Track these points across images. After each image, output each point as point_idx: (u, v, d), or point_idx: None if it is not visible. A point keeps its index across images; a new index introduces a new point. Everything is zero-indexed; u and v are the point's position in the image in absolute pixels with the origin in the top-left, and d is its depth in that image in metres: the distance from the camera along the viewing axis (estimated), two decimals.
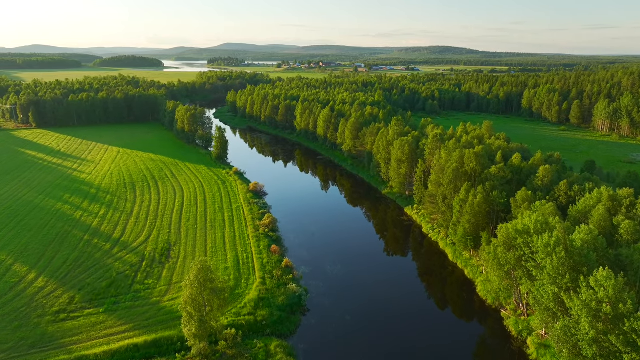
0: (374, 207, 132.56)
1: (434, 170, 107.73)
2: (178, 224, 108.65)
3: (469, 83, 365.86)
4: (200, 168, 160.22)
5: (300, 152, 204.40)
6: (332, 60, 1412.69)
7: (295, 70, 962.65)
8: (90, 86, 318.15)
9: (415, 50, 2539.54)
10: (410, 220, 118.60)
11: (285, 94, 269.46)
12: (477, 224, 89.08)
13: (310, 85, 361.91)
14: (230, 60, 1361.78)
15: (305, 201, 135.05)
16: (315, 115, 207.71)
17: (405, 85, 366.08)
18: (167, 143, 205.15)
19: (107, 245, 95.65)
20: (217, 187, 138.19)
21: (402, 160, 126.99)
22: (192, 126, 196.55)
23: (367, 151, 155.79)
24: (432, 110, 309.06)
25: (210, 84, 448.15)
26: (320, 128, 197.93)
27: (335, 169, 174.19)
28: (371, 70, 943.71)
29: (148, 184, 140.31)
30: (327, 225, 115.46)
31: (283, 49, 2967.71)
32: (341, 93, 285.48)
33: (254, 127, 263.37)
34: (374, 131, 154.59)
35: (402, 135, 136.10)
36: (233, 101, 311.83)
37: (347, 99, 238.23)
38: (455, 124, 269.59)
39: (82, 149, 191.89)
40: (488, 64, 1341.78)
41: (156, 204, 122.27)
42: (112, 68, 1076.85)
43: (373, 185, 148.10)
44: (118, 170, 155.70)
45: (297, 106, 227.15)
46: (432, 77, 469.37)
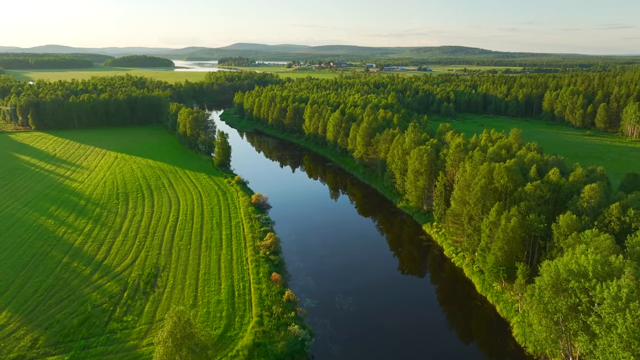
0: (388, 222, 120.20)
1: (458, 186, 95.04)
2: (170, 243, 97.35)
3: (486, 84, 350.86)
4: (201, 176, 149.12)
5: (308, 158, 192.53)
6: (343, 60, 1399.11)
7: (306, 70, 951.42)
8: (94, 87, 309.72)
9: (427, 50, 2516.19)
10: (429, 239, 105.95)
11: (294, 95, 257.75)
12: (511, 252, 76.33)
13: (320, 86, 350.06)
14: (240, 60, 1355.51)
15: (313, 216, 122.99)
16: (324, 118, 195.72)
17: (419, 87, 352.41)
18: (169, 147, 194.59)
19: (87, 270, 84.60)
20: (217, 198, 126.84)
21: (419, 171, 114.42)
22: (194, 130, 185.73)
23: (381, 159, 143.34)
24: (448, 113, 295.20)
25: (218, 85, 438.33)
26: (330, 133, 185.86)
27: (346, 177, 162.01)
28: (383, 70, 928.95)
29: (142, 195, 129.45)
30: (336, 245, 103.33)
31: (294, 49, 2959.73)
32: (352, 95, 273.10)
33: (261, 130, 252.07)
34: (388, 138, 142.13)
35: (419, 143, 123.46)
36: (240, 103, 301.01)
37: (359, 101, 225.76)
38: (473, 128, 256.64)
39: (78, 153, 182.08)
40: (501, 64, 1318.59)
41: (148, 219, 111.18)
42: (122, 68, 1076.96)
43: (387, 197, 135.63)
44: (112, 179, 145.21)
45: (306, 109, 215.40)
46: (446, 78, 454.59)
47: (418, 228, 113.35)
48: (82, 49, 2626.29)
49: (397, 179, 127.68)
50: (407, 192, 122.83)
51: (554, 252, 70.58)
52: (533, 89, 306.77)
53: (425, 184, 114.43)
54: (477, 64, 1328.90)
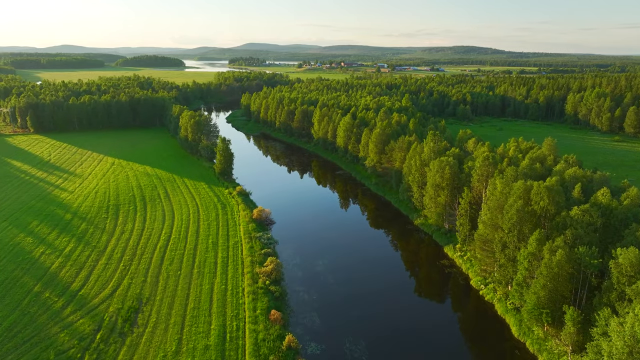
0: (404, 240, 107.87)
1: (487, 206, 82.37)
2: (158, 268, 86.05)
3: (503, 85, 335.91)
4: (200, 186, 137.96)
5: (317, 165, 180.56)
6: (354, 60, 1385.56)
7: (316, 70, 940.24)
8: (98, 88, 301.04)
9: (438, 50, 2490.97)
10: (451, 265, 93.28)
11: (303, 97, 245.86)
12: (557, 291, 63.62)
13: (331, 87, 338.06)
14: (251, 60, 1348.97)
15: (320, 232, 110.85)
16: (334, 123, 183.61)
17: (433, 88, 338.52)
18: (169, 153, 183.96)
19: (59, 302, 73.55)
20: (215, 212, 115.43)
21: (440, 186, 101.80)
22: (195, 135, 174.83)
23: (395, 169, 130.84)
24: (464, 116, 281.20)
25: (226, 85, 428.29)
26: (340, 138, 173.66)
27: (357, 187, 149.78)
28: (394, 70, 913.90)
29: (135, 207, 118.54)
30: (346, 269, 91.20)
31: (305, 49, 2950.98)
32: (364, 97, 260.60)
33: (268, 134, 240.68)
34: (404, 146, 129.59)
35: (439, 153, 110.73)
36: (247, 104, 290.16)
37: (371, 104, 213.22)
38: (491, 132, 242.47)
39: (74, 159, 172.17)
40: (515, 65, 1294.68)
41: (138, 237, 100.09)
42: (133, 68, 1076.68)
43: (402, 211, 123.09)
44: (105, 188, 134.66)
45: (315, 112, 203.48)
46: (461, 79, 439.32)
47: (438, 250, 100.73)
48: (95, 49, 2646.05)
49: (415, 193, 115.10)
50: (425, 208, 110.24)
51: (613, 295, 57.76)
52: (554, 91, 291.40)
53: (446, 200, 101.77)
54: (490, 65, 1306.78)
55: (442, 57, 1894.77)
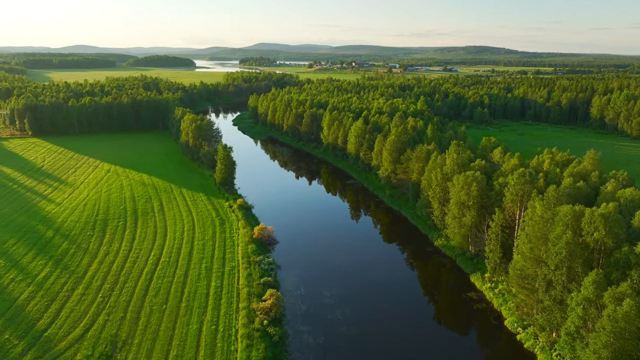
0: (422, 263, 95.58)
1: (526, 234, 69.65)
2: (141, 300, 74.70)
3: (522, 87, 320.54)
4: (198, 198, 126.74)
5: (326, 173, 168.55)
6: (365, 60, 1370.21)
7: (327, 70, 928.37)
8: (102, 88, 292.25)
9: (450, 50, 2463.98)
10: (480, 297, 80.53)
11: (312, 100, 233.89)
12: (624, 351, 50.89)
13: (341, 88, 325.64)
14: (261, 60, 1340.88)
15: (328, 253, 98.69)
16: (345, 127, 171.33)
17: (449, 90, 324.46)
18: (170, 159, 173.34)
19: (19, 346, 62.50)
20: (212, 230, 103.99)
21: (466, 204, 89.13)
22: (196, 140, 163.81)
23: (412, 182, 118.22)
24: (482, 119, 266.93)
25: (234, 86, 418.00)
26: (352, 144, 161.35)
27: (369, 198, 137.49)
28: (406, 70, 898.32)
29: (124, 223, 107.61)
30: (358, 300, 78.95)
31: (316, 49, 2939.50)
32: (376, 99, 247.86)
33: (275, 138, 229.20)
34: (422, 156, 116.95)
35: (464, 166, 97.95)
36: (254, 106, 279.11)
37: (384, 107, 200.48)
38: (512, 137, 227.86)
39: (68, 165, 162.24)
40: (530, 65, 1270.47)
41: (123, 260, 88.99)
42: (144, 68, 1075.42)
43: (420, 229, 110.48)
44: (96, 199, 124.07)
45: (324, 115, 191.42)
46: (476, 80, 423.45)
47: (463, 278, 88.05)
48: (108, 48, 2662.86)
49: (435, 210, 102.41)
50: (447, 227, 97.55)
51: None
52: (578, 93, 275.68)
53: (473, 221, 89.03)
54: (504, 65, 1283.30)
55: (454, 57, 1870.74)
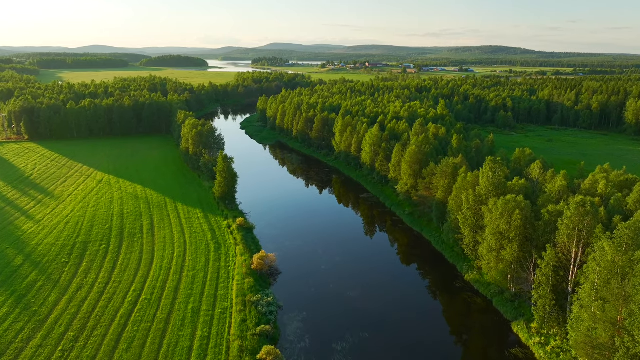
0: (450, 299, 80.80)
1: (594, 283, 54.28)
2: (109, 355, 60.94)
3: (547, 89, 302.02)
4: (194, 215, 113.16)
5: (338, 184, 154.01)
6: (379, 60, 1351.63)
7: (340, 71, 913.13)
8: (105, 90, 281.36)
9: (465, 50, 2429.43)
10: (527, 356, 65.08)
11: (323, 103, 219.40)
12: None
13: (355, 90, 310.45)
14: (274, 60, 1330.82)
15: (340, 285, 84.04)
16: (359, 134, 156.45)
17: (468, 92, 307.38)
18: (169, 168, 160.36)
19: None
20: (205, 257, 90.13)
21: (506, 235, 73.80)
22: (197, 148, 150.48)
23: (437, 201, 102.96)
24: (506, 124, 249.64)
25: (243, 87, 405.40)
26: (366, 154, 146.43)
27: (385, 215, 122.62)
28: (421, 71, 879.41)
29: (107, 247, 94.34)
30: (374, 353, 64.29)
31: (329, 49, 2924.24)
32: (392, 102, 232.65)
33: (284, 144, 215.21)
34: (448, 171, 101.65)
35: (501, 188, 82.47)
36: (263, 109, 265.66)
37: (402, 112, 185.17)
38: (540, 144, 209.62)
39: (59, 174, 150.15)
40: (547, 65, 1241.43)
41: (97, 296, 75.48)
42: (157, 68, 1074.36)
43: (447, 257, 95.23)
44: (80, 216, 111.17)
45: (337, 120, 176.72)
46: (496, 81, 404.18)
47: (502, 324, 72.74)
48: (123, 49, 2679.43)
49: (465, 237, 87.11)
50: (481, 259, 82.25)
51: None
52: (610, 96, 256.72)
53: (515, 256, 73.61)
54: (520, 65, 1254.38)
55: (469, 57, 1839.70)
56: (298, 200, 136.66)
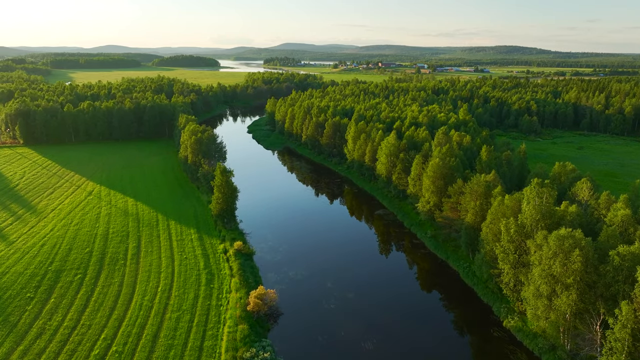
0: (486, 355, 66.00)
1: None
2: None
3: (573, 91, 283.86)
4: (188, 236, 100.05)
5: (350, 197, 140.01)
6: (392, 60, 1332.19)
7: (352, 71, 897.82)
8: (108, 91, 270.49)
9: (479, 50, 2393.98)
10: None
11: (335, 106, 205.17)
12: None
13: (368, 92, 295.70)
14: (286, 60, 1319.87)
15: (354, 335, 69.98)
16: (374, 142, 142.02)
17: (488, 93, 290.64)
18: (166, 177, 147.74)
19: None
20: (195, 292, 76.74)
21: (562, 280, 59.04)
22: (196, 156, 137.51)
23: (466, 225, 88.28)
24: (530, 129, 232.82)
25: (253, 88, 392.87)
26: (382, 164, 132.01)
27: (404, 236, 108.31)
28: (435, 71, 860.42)
29: (83, 276, 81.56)
30: None
31: (341, 49, 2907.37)
32: (408, 105, 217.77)
33: (293, 150, 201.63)
34: (480, 191, 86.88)
35: (550, 216, 67.52)
36: (271, 112, 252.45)
37: (420, 117, 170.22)
38: (570, 151, 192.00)
39: (48, 184, 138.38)
40: (565, 65, 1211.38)
41: (58, 347, 62.44)
42: (168, 68, 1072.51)
43: (479, 294, 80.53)
44: (59, 237, 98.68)
45: (349, 126, 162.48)
46: (516, 82, 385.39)
47: None
48: (137, 48, 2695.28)
49: (504, 274, 72.33)
50: (525, 303, 67.54)
51: None
52: None
53: (573, 307, 58.81)
54: (537, 65, 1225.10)
55: (484, 57, 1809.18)
56: (305, 216, 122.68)
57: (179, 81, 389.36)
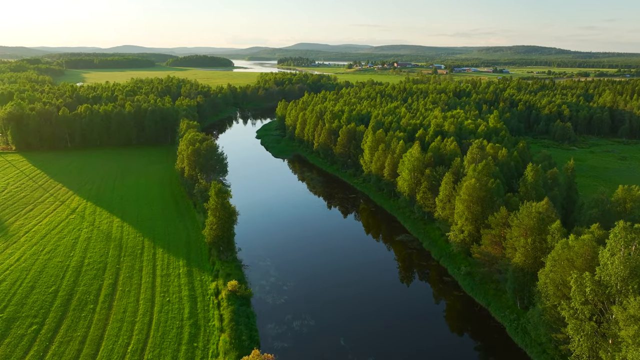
0: None
1: None
2: None
3: (607, 94, 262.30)
4: (175, 269, 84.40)
5: (366, 214, 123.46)
6: (407, 60, 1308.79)
7: (367, 71, 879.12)
8: (111, 94, 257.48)
9: (497, 50, 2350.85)
10: None
11: (350, 111, 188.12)
12: None
13: (385, 94, 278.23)
14: (300, 60, 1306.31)
15: None
16: (394, 154, 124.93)
17: (514, 97, 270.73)
18: (162, 191, 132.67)
19: None
20: (172, 351, 60.76)
21: None
22: (193, 169, 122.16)
23: (514, 267, 70.76)
24: (564, 136, 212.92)
25: (264, 89, 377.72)
26: (404, 181, 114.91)
27: (430, 269, 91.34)
28: (453, 72, 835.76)
29: (37, 329, 66.26)
30: None
31: (356, 49, 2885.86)
32: (429, 109, 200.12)
33: (303, 158, 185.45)
34: (532, 225, 69.23)
35: None
36: (282, 116, 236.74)
37: (446, 124, 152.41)
38: (611, 162, 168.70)
39: (29, 199, 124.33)
40: (586, 65, 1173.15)
41: None
42: (182, 68, 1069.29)
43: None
44: (24, 269, 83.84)
45: (366, 135, 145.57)
46: (541, 84, 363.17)
47: None
48: (153, 48, 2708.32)
49: (576, 345, 54.68)
50: None
51: None
52: None
53: None
54: (557, 65, 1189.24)
55: (501, 57, 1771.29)
56: (314, 240, 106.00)
57: (189, 82, 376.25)
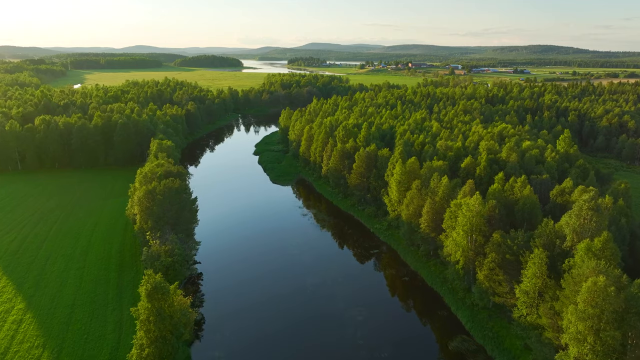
0: None
1: None
2: None
3: None
4: None
5: (397, 283, 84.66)
6: (421, 60, 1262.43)
7: (380, 72, 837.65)
8: (85, 100, 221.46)
9: (512, 49, 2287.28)
10: None
11: (368, 127, 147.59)
12: None
13: (405, 100, 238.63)
14: (310, 61, 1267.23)
15: None
16: (435, 198, 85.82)
17: (559, 104, 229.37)
18: (108, 246, 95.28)
19: None
20: None
21: None
22: (144, 222, 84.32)
23: None
24: (634, 155, 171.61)
25: (268, 93, 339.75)
26: (456, 245, 75.85)
27: None
28: (471, 72, 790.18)
29: None
30: None
31: (367, 49, 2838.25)
32: (464, 122, 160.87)
33: (309, 184, 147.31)
34: None
35: None
36: (285, 127, 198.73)
37: (504, 153, 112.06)
38: None
39: None
40: (609, 65, 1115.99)
41: None
42: (189, 68, 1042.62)
43: None
44: None
45: (392, 162, 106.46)
46: (582, 88, 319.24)
47: None
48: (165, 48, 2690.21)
49: None
50: None
51: None
52: None
53: None
54: (577, 65, 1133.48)
55: (517, 57, 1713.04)
56: (323, 310, 67.81)
57: (187, 84, 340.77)
